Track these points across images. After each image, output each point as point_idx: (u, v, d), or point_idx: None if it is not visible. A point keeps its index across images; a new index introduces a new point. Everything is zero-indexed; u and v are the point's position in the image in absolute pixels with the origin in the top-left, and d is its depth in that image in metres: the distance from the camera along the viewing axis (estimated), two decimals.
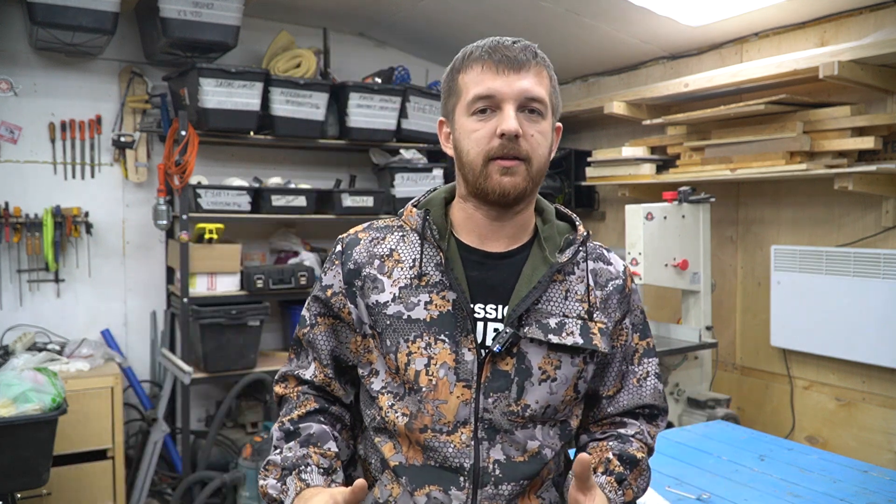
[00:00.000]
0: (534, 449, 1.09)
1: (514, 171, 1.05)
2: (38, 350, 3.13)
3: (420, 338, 1.07)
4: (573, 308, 1.12)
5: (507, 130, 1.03)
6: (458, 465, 1.06)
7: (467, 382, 1.06)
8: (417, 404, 1.07)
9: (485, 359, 1.07)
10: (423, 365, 1.07)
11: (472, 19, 3.54)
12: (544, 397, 1.09)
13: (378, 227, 1.18)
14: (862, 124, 2.62)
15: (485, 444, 1.07)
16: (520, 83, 1.05)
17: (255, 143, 3.49)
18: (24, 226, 3.21)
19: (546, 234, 1.14)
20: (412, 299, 1.09)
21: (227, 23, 3.09)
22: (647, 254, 2.89)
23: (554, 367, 1.09)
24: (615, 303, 1.16)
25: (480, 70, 1.07)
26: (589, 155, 3.77)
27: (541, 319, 1.09)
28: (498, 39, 1.09)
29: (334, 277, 1.15)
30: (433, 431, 1.07)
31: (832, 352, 2.84)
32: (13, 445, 2.32)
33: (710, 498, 1.48)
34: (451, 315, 1.08)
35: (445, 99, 1.14)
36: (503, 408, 1.07)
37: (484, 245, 1.13)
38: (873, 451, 2.75)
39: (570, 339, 1.09)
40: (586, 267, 1.15)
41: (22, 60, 3.25)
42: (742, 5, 2.84)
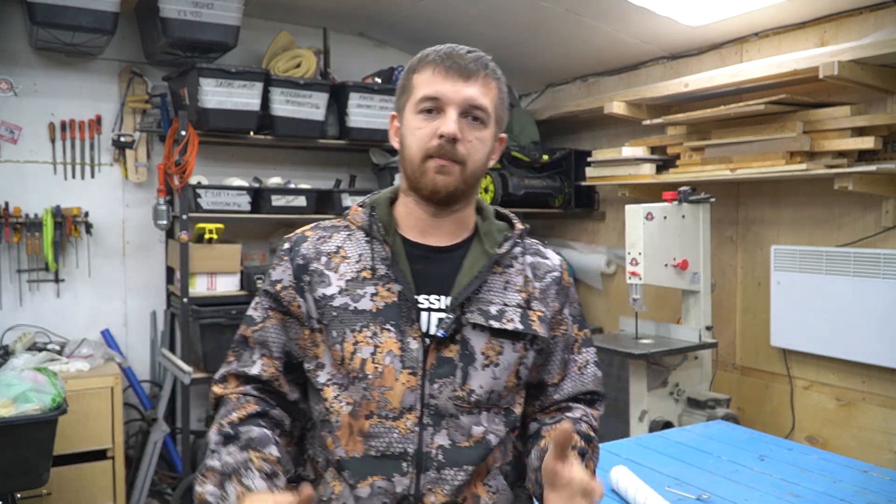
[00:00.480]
0: (479, 435, 1.13)
1: (448, 171, 1.12)
2: (38, 350, 3.13)
3: (366, 327, 1.12)
4: (512, 297, 1.18)
5: (447, 132, 1.10)
6: (401, 451, 1.09)
7: (413, 369, 1.11)
8: (363, 392, 1.11)
9: (429, 346, 1.12)
10: (369, 353, 1.11)
11: (472, 19, 3.54)
12: (488, 382, 1.13)
13: (325, 227, 1.23)
14: (862, 124, 2.62)
15: (429, 430, 1.10)
16: (466, 90, 1.13)
17: (255, 143, 3.49)
18: (24, 226, 3.21)
19: (485, 230, 1.22)
20: (358, 291, 1.14)
21: (227, 23, 3.09)
22: (647, 254, 2.89)
23: (496, 352, 1.14)
24: (553, 293, 1.23)
25: (432, 73, 1.14)
26: (589, 155, 3.77)
27: (482, 307, 1.15)
28: (454, 47, 1.16)
29: (283, 272, 1.19)
30: (379, 418, 1.10)
31: (832, 352, 2.84)
32: (13, 445, 2.32)
33: (710, 498, 1.48)
34: (396, 305, 1.13)
35: (399, 96, 1.21)
36: (449, 393, 1.11)
37: (426, 240, 1.19)
38: (873, 451, 2.75)
39: (511, 324, 1.15)
40: (524, 261, 1.22)
41: (22, 60, 3.25)
42: (742, 5, 2.84)
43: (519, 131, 3.95)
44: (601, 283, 4.03)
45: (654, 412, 2.93)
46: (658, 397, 2.94)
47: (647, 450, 1.79)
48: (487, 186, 3.78)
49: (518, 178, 3.75)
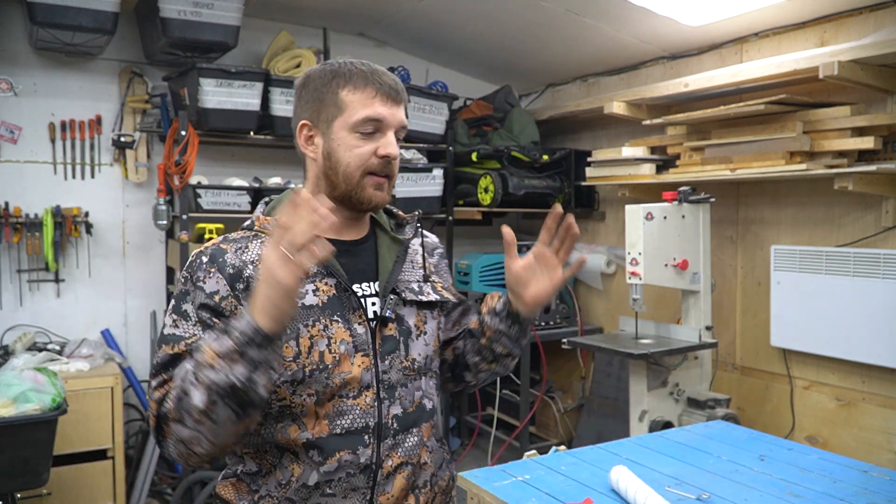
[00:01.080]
0: (418, 399, 1.30)
1: (383, 187, 1.27)
2: (38, 350, 3.13)
3: (318, 321, 1.21)
4: (418, 274, 1.37)
5: (392, 154, 1.25)
6: (363, 425, 1.22)
7: (365, 351, 1.23)
8: (325, 381, 1.20)
9: (375, 328, 1.26)
10: (325, 345, 1.21)
11: (473, 19, 3.54)
12: (423, 350, 1.32)
13: (235, 239, 1.28)
14: (862, 124, 2.62)
15: (385, 403, 1.24)
16: (399, 114, 1.27)
17: (255, 143, 3.49)
18: (24, 226, 3.21)
19: (381, 222, 1.38)
20: (300, 290, 1.20)
21: (227, 23, 3.09)
22: (647, 254, 2.89)
23: (423, 322, 1.33)
24: (444, 266, 1.47)
25: (373, 96, 1.24)
26: (589, 155, 3.77)
27: (406, 287, 1.33)
28: (376, 68, 1.28)
29: (217, 283, 1.19)
30: (341, 398, 1.21)
31: (832, 352, 2.84)
32: (13, 445, 2.32)
33: (710, 498, 1.48)
34: (337, 297, 1.24)
35: (316, 106, 1.26)
36: (398, 366, 1.27)
37: (340, 236, 1.30)
38: (873, 451, 2.75)
39: (432, 296, 1.36)
40: (417, 242, 1.41)
41: (22, 60, 3.25)
42: (742, 5, 2.84)
43: (519, 131, 3.95)
44: (601, 283, 4.04)
45: (654, 412, 2.93)
46: (658, 397, 2.94)
47: (647, 450, 1.79)
48: (487, 186, 3.78)
49: (518, 178, 3.75)
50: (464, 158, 3.95)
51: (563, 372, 4.25)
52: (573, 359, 4.10)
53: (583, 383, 4.05)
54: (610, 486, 1.53)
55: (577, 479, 1.56)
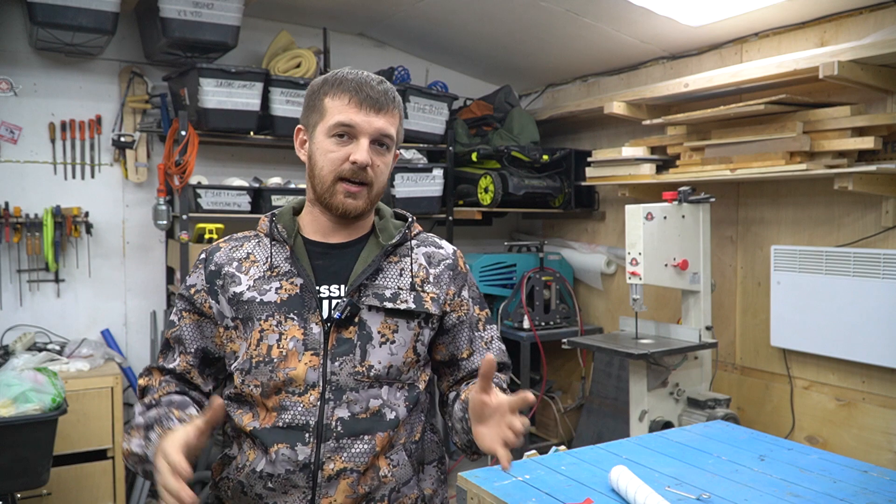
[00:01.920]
0: (375, 407, 1.27)
1: (357, 196, 1.28)
2: (38, 350, 3.13)
3: (272, 317, 1.26)
4: (406, 282, 1.33)
5: (359, 161, 1.25)
6: (304, 423, 1.23)
7: (315, 351, 1.25)
8: (269, 374, 1.24)
9: (330, 329, 1.26)
10: (274, 340, 1.25)
11: (472, 19, 3.54)
12: (386, 358, 1.28)
13: (237, 238, 1.40)
14: (862, 124, 2.62)
15: (330, 404, 1.24)
16: (377, 122, 1.27)
17: (255, 143, 3.49)
18: (24, 226, 3.21)
19: (381, 227, 1.37)
20: (264, 287, 1.29)
21: (227, 23, 3.09)
22: (647, 254, 2.89)
23: (392, 330, 1.30)
24: (447, 278, 1.39)
25: (347, 102, 1.26)
26: (589, 155, 3.77)
27: (377, 292, 1.30)
28: (365, 78, 1.29)
29: (197, 278, 1.35)
30: (286, 393, 1.24)
31: (832, 352, 2.84)
32: (13, 445, 2.32)
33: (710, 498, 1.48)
34: (298, 297, 1.28)
35: (308, 112, 1.33)
36: (349, 370, 1.26)
37: (327, 239, 1.34)
38: (873, 451, 2.75)
39: (404, 305, 1.31)
40: (420, 251, 1.38)
41: (22, 60, 3.25)
42: (742, 5, 2.84)
43: (519, 131, 3.95)
44: (601, 283, 4.04)
45: (654, 412, 2.93)
46: (658, 397, 2.94)
47: (647, 450, 1.79)
48: (487, 186, 3.79)
49: (518, 178, 3.75)
50: (464, 158, 3.95)
51: (563, 372, 4.25)
52: (573, 359, 4.10)
53: (583, 383, 4.05)
54: (610, 486, 1.53)
55: (577, 479, 1.56)
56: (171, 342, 1.35)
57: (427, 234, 1.45)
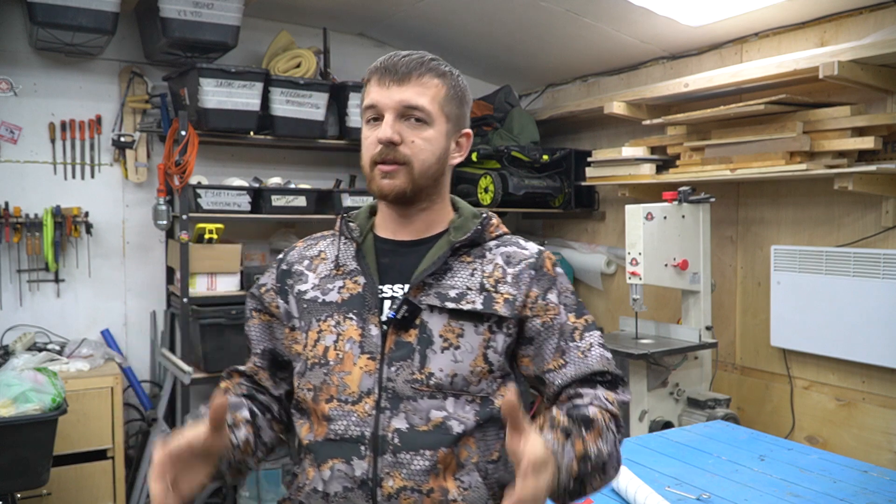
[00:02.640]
0: (438, 419, 1.12)
1: (392, 175, 1.16)
2: (38, 350, 3.13)
3: (331, 317, 1.19)
4: (477, 282, 1.19)
5: (381, 138, 1.14)
6: (358, 435, 1.12)
7: (371, 354, 1.15)
8: (323, 377, 1.16)
9: (388, 331, 1.15)
10: (332, 341, 1.17)
11: (472, 19, 3.54)
12: (449, 365, 1.13)
13: (314, 237, 1.34)
14: (862, 124, 2.62)
15: (386, 413, 1.12)
16: (399, 94, 1.15)
17: (255, 143, 3.49)
18: (24, 226, 3.21)
19: (457, 225, 1.24)
20: (328, 286, 1.22)
21: (227, 23, 3.09)
22: (647, 254, 2.89)
23: (456, 335, 1.15)
24: (527, 277, 1.21)
25: (371, 83, 1.19)
26: (589, 155, 3.77)
27: (441, 291, 1.17)
28: (394, 54, 1.19)
29: (269, 277, 1.31)
30: (338, 401, 1.14)
31: (832, 352, 2.84)
32: (13, 445, 2.32)
33: (710, 498, 1.48)
34: (360, 296, 1.19)
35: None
36: (406, 376, 1.13)
37: (396, 236, 1.25)
38: (873, 451, 2.75)
39: (469, 305, 1.16)
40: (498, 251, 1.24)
41: (22, 60, 3.25)
42: (742, 5, 2.84)
43: (519, 131, 3.95)
44: (601, 283, 4.04)
45: (654, 412, 2.93)
46: (658, 397, 2.94)
47: (647, 450, 1.79)
48: (487, 186, 3.78)
49: (518, 178, 3.75)
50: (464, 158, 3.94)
51: None
52: None
53: None
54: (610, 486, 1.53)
55: None
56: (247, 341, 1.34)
57: (512, 235, 1.29)
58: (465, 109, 1.26)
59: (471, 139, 1.28)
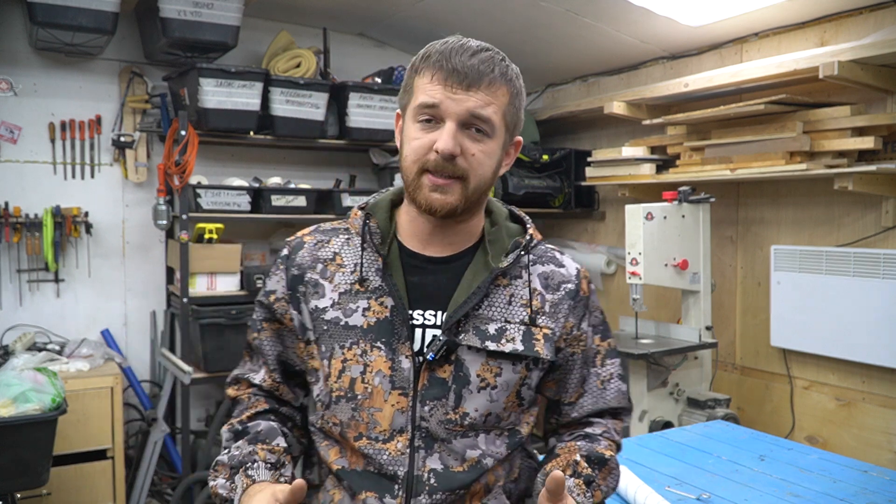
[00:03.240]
0: (473, 458, 1.07)
1: (445, 190, 1.04)
2: (38, 350, 3.13)
3: (356, 344, 1.06)
4: (517, 313, 1.09)
5: (442, 150, 1.01)
6: (392, 473, 1.05)
7: (403, 390, 1.05)
8: (351, 412, 1.07)
9: (421, 366, 1.05)
10: (358, 372, 1.06)
11: (473, 19, 3.54)
12: (484, 405, 1.07)
13: (324, 230, 1.18)
14: (862, 124, 2.62)
15: (421, 453, 1.05)
16: (467, 101, 1.02)
17: (255, 143, 3.49)
18: (24, 226, 3.21)
19: (492, 238, 1.13)
20: (350, 305, 1.08)
21: (227, 23, 3.09)
22: (647, 254, 2.89)
23: (494, 374, 1.07)
24: (566, 308, 1.14)
25: (431, 78, 1.04)
26: (589, 155, 3.77)
27: (479, 326, 1.07)
28: (459, 44, 1.05)
29: (278, 283, 1.16)
30: (368, 439, 1.06)
31: (832, 352, 2.84)
32: (13, 445, 2.32)
33: (710, 498, 1.48)
34: (388, 322, 1.07)
35: (402, 93, 1.11)
36: (440, 416, 1.05)
37: (426, 249, 1.12)
38: (873, 451, 2.75)
39: (510, 346, 1.07)
40: (535, 271, 1.13)
41: (22, 60, 3.25)
42: (742, 5, 2.84)
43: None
44: (601, 282, 4.04)
45: (654, 412, 2.93)
46: (658, 397, 2.94)
47: (647, 450, 1.79)
48: None
49: (518, 178, 3.75)
50: None
51: None
52: None
53: None
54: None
55: None
56: (253, 349, 1.20)
57: (545, 245, 1.18)
58: (522, 114, 1.13)
59: (521, 146, 1.16)
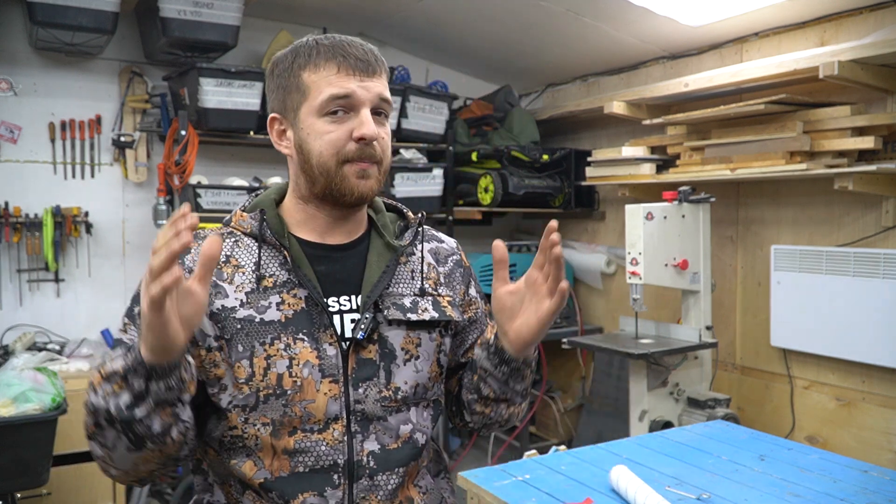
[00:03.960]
0: (406, 434, 1.11)
1: (369, 175, 1.07)
2: (38, 350, 3.13)
3: (278, 339, 1.04)
4: (418, 287, 1.16)
5: (369, 135, 1.04)
6: (331, 463, 1.05)
7: (334, 377, 1.06)
8: (282, 409, 1.04)
9: (348, 350, 1.07)
10: (284, 367, 1.04)
11: (472, 19, 3.54)
12: (412, 377, 1.11)
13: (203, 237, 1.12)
14: (862, 124, 2.62)
15: (358, 437, 1.06)
16: (375, 86, 1.07)
17: (255, 143, 3.49)
18: (24, 226, 3.21)
19: (381, 223, 1.18)
20: (262, 302, 1.06)
21: (227, 23, 3.09)
22: (647, 254, 2.89)
23: (415, 345, 1.12)
24: (459, 276, 1.23)
25: (336, 71, 1.05)
26: (589, 155, 3.77)
27: (396, 301, 1.12)
28: (342, 38, 1.09)
29: None
30: (303, 432, 1.04)
31: (832, 352, 2.84)
32: (13, 445, 2.32)
33: (710, 498, 1.48)
34: (305, 312, 1.06)
35: (282, 96, 1.10)
36: (375, 395, 1.08)
37: (325, 240, 1.14)
38: (873, 451, 2.75)
39: (427, 314, 1.13)
40: (424, 247, 1.20)
41: (22, 60, 3.25)
42: (742, 5, 2.84)
43: (519, 131, 3.95)
44: (601, 282, 4.04)
45: (654, 412, 2.93)
46: (658, 397, 2.94)
47: (647, 450, 1.79)
48: (487, 186, 3.79)
49: (518, 178, 3.75)
50: (464, 158, 3.95)
51: (563, 372, 4.25)
52: (573, 359, 4.10)
53: (583, 383, 4.05)
54: (610, 486, 1.53)
55: (577, 478, 1.56)
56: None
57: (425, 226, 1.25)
58: None
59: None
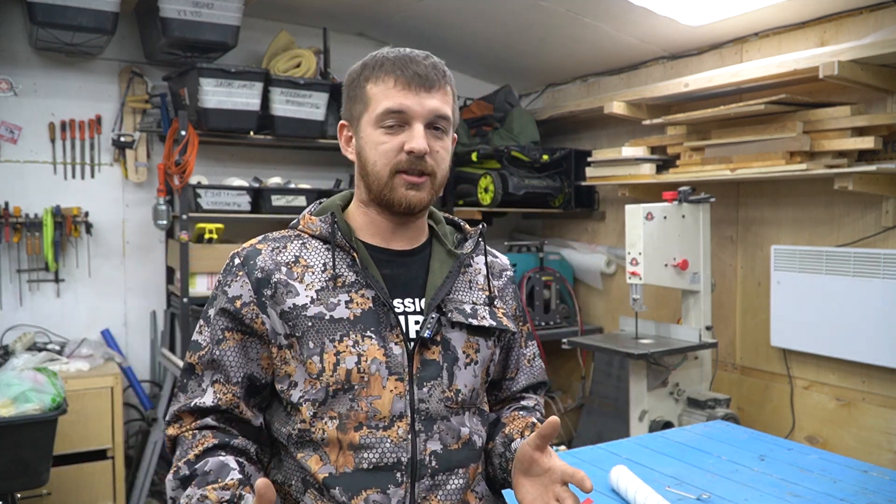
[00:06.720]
0: (466, 436, 1.13)
1: (419, 187, 1.12)
2: (38, 350, 3.13)
3: (347, 336, 1.08)
4: (479, 296, 1.21)
5: (417, 149, 1.09)
6: (395, 461, 1.07)
7: (399, 375, 1.09)
8: (349, 403, 1.07)
9: (413, 349, 1.10)
10: (353, 363, 1.07)
11: (473, 19, 3.54)
12: (471, 381, 1.15)
13: (275, 238, 1.18)
14: (862, 124, 2.62)
15: (422, 436, 1.09)
16: (430, 102, 1.11)
17: (255, 143, 3.49)
18: (24, 226, 3.21)
19: (441, 232, 1.23)
20: (332, 300, 1.10)
21: (227, 23, 3.09)
22: (647, 254, 2.89)
23: (474, 350, 1.16)
24: (511, 292, 1.28)
25: (392, 84, 1.11)
26: (589, 155, 3.77)
27: (457, 306, 1.16)
28: (408, 53, 1.14)
29: (242, 288, 1.11)
30: (368, 428, 1.07)
31: (832, 352, 2.84)
32: (13, 445, 2.32)
33: (710, 498, 1.48)
34: (373, 312, 1.11)
35: (350, 104, 1.18)
36: (438, 395, 1.11)
37: (389, 245, 1.18)
38: (873, 451, 2.75)
39: (486, 321, 1.18)
40: (482, 260, 1.25)
41: (22, 60, 3.25)
42: (742, 5, 2.84)
43: (519, 131, 3.95)
44: (601, 282, 4.04)
45: (654, 412, 2.93)
46: (658, 397, 2.94)
47: (647, 450, 1.79)
48: (487, 186, 3.78)
49: (518, 178, 3.75)
50: (464, 158, 3.95)
51: (563, 372, 4.25)
52: (573, 359, 4.10)
53: (583, 383, 4.05)
54: (610, 486, 1.53)
55: None
56: (197, 369, 1.12)
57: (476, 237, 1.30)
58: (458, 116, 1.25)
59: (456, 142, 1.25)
